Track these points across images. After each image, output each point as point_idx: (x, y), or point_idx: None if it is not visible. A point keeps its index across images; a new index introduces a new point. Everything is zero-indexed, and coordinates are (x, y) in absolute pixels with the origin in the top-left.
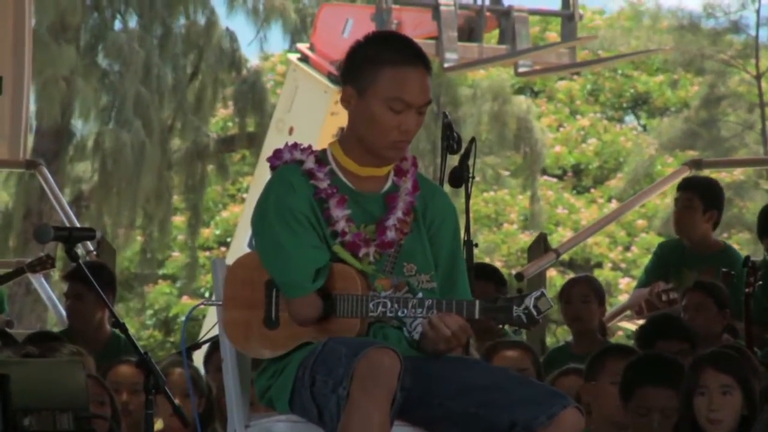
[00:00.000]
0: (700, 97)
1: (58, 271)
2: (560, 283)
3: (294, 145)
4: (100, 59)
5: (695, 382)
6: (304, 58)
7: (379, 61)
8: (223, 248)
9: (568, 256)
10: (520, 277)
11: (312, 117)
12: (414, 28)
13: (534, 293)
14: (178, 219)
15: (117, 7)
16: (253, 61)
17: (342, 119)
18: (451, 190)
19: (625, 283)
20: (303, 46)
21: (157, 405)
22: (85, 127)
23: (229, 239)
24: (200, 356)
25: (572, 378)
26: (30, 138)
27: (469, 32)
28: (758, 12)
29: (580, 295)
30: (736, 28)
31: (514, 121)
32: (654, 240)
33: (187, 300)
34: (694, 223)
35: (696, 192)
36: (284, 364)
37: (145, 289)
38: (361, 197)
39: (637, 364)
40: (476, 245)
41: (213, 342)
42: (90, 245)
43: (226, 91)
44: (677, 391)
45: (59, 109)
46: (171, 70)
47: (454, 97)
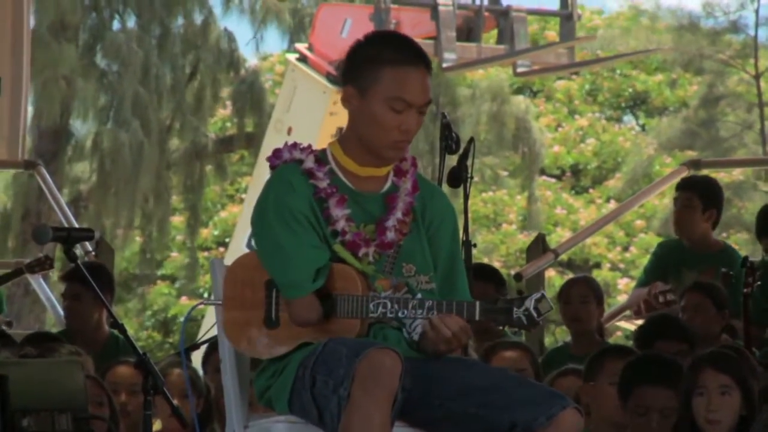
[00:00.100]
0: (699, 97)
1: (57, 272)
2: (559, 284)
3: (293, 145)
4: (98, 59)
5: (694, 382)
6: (303, 58)
7: (380, 61)
8: (221, 248)
9: (567, 257)
10: (518, 277)
11: (310, 117)
12: (412, 27)
13: (534, 295)
14: (177, 219)
15: (115, 7)
16: (252, 61)
17: (340, 119)
18: (450, 190)
19: (624, 283)
20: (301, 46)
21: (155, 406)
22: (84, 128)
23: (227, 239)
24: (199, 357)
25: (571, 378)
26: (28, 138)
27: (468, 32)
28: (757, 12)
29: (579, 295)
30: (735, 28)
31: (512, 122)
32: (653, 240)
33: (185, 300)
34: (694, 222)
35: (695, 191)
36: (284, 364)
37: (144, 289)
38: (361, 197)
39: (636, 364)
40: (475, 245)
41: (211, 342)
42: (89, 246)
43: (224, 92)
44: (676, 391)
45: (58, 110)
46: (169, 70)
47: (452, 97)
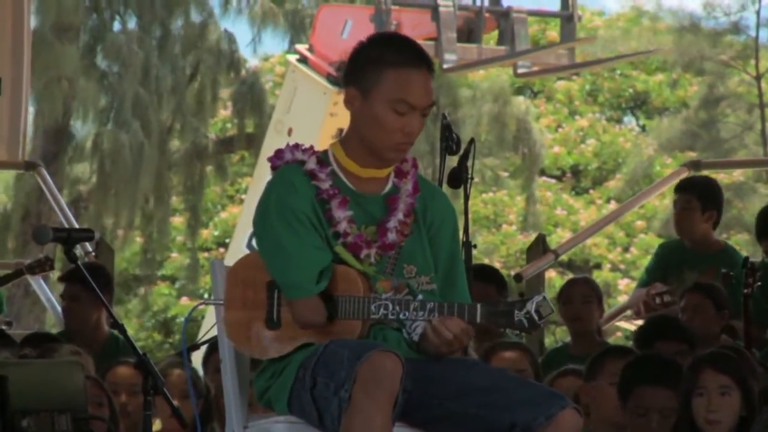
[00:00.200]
0: (700, 98)
1: (58, 273)
2: (559, 284)
3: (295, 146)
4: (99, 60)
5: (694, 382)
6: (303, 59)
7: (382, 63)
8: (221, 249)
9: (567, 257)
10: (518, 278)
11: (311, 118)
12: (413, 29)
13: (536, 298)
14: (177, 220)
15: (116, 8)
16: (252, 62)
17: (341, 120)
18: (450, 191)
19: (624, 284)
20: (302, 47)
21: (155, 406)
22: (84, 128)
23: (227, 240)
24: (198, 357)
25: (570, 379)
26: (29, 139)
27: (468, 33)
28: (758, 13)
29: (581, 295)
30: (736, 28)
31: (513, 123)
32: (653, 241)
33: (186, 301)
34: (694, 223)
35: (694, 193)
36: (284, 364)
37: (146, 290)
38: (362, 198)
39: (635, 364)
40: (475, 246)
41: (212, 343)
42: (89, 246)
43: (224, 93)
44: (675, 391)
45: (59, 110)
46: (170, 71)
47: (453, 98)
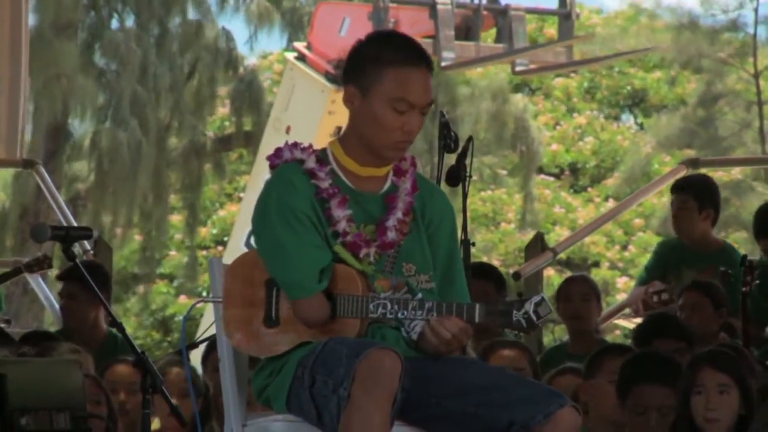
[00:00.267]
0: (698, 96)
1: (56, 271)
2: (558, 282)
3: (294, 144)
4: (96, 58)
5: (692, 381)
6: (301, 57)
7: (382, 61)
8: (220, 247)
9: (566, 255)
10: (517, 276)
11: (309, 116)
12: (411, 26)
13: (534, 298)
14: (175, 218)
15: (114, 6)
16: (250, 60)
17: (339, 118)
18: (449, 189)
19: (623, 282)
20: (300, 45)
21: (154, 405)
22: (82, 126)
23: (226, 238)
24: (196, 355)
25: (569, 377)
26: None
27: (466, 31)
28: (756, 10)
29: (580, 293)
30: (734, 26)
31: (512, 121)
32: (651, 239)
33: (184, 299)
34: (691, 223)
35: (690, 193)
36: (282, 363)
37: (146, 288)
38: (361, 197)
39: (634, 362)
40: (473, 244)
41: (211, 341)
42: (87, 245)
43: (222, 90)
44: (674, 389)
45: (56, 108)
46: (168, 69)
47: (452, 96)
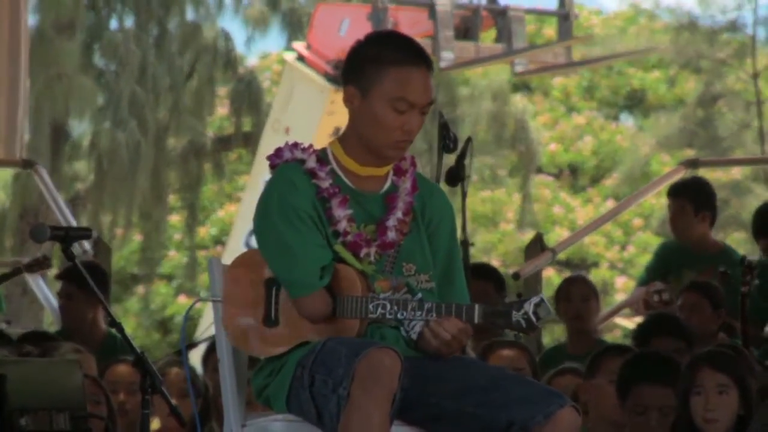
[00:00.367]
0: (697, 96)
1: (56, 271)
2: (557, 283)
3: (294, 144)
4: (96, 59)
5: (691, 381)
6: (301, 58)
7: (381, 61)
8: (219, 247)
9: (565, 256)
10: (516, 276)
11: (308, 116)
12: (410, 27)
13: (534, 299)
14: (174, 218)
15: (113, 6)
16: (249, 60)
17: (338, 118)
18: (449, 189)
19: (622, 282)
20: (299, 46)
21: (153, 405)
22: (81, 127)
23: (225, 238)
24: (195, 355)
25: (568, 377)
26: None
27: (465, 31)
28: (755, 11)
29: (580, 293)
30: (733, 27)
31: (512, 121)
32: (651, 239)
33: (183, 299)
34: (688, 226)
35: (685, 197)
36: (281, 363)
37: (146, 288)
38: (362, 197)
39: (634, 363)
40: (472, 244)
41: (211, 341)
42: (86, 245)
43: (222, 91)
44: (674, 389)
45: (57, 108)
46: (167, 69)
47: (452, 96)
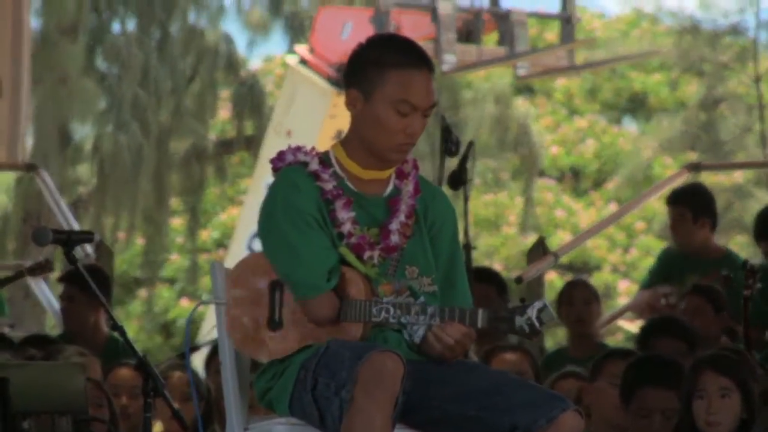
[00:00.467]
0: (699, 99)
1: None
2: (559, 286)
3: (297, 148)
4: (98, 62)
5: (694, 384)
6: (303, 61)
7: (384, 64)
8: (221, 251)
9: (567, 259)
10: (519, 280)
11: (310, 120)
12: (412, 30)
13: (537, 304)
14: (176, 222)
15: (115, 9)
16: (252, 63)
17: (340, 122)
18: (451, 192)
19: (625, 285)
20: (302, 49)
21: (156, 408)
22: (83, 130)
23: (227, 241)
24: (198, 358)
25: (571, 381)
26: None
27: (467, 35)
28: (757, 15)
29: (582, 297)
30: (735, 30)
31: (514, 125)
32: (653, 242)
33: (186, 303)
34: (689, 233)
35: (685, 204)
36: (284, 366)
37: (149, 292)
38: (365, 200)
39: (637, 366)
40: (475, 248)
41: (214, 345)
42: (89, 249)
43: (224, 94)
44: (678, 392)
45: (60, 112)
46: (169, 73)
47: (455, 100)
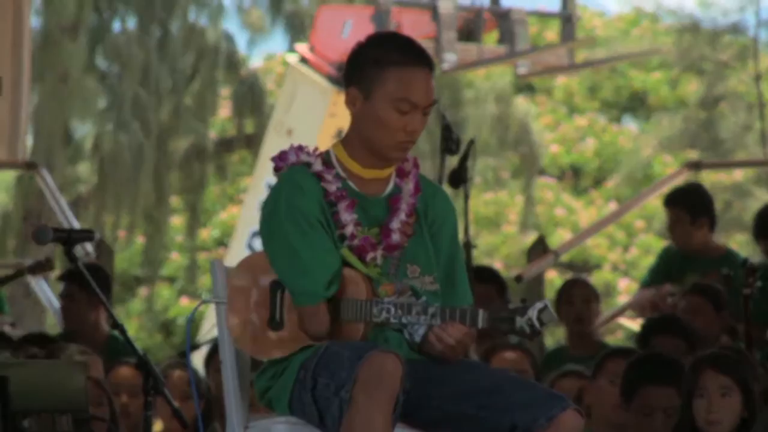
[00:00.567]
0: (699, 98)
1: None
2: (559, 285)
3: (299, 148)
4: (98, 61)
5: (694, 383)
6: (303, 60)
7: (383, 63)
8: (221, 249)
9: (567, 258)
10: (519, 278)
11: (311, 118)
12: (413, 29)
13: (538, 304)
14: (177, 220)
15: (115, 8)
16: (252, 62)
17: (340, 120)
18: (452, 191)
19: (625, 284)
20: (302, 47)
21: (156, 407)
22: (83, 129)
23: (227, 240)
24: (198, 357)
25: (571, 380)
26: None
27: (468, 33)
28: (757, 13)
29: (582, 296)
30: (736, 29)
31: (515, 123)
32: (653, 241)
33: (185, 301)
34: (688, 235)
35: (682, 206)
36: (284, 365)
37: (150, 290)
38: (366, 200)
39: (638, 364)
40: (475, 247)
41: (215, 343)
42: (89, 247)
43: (224, 93)
44: (679, 390)
45: (62, 110)
46: (169, 71)
47: (456, 98)
